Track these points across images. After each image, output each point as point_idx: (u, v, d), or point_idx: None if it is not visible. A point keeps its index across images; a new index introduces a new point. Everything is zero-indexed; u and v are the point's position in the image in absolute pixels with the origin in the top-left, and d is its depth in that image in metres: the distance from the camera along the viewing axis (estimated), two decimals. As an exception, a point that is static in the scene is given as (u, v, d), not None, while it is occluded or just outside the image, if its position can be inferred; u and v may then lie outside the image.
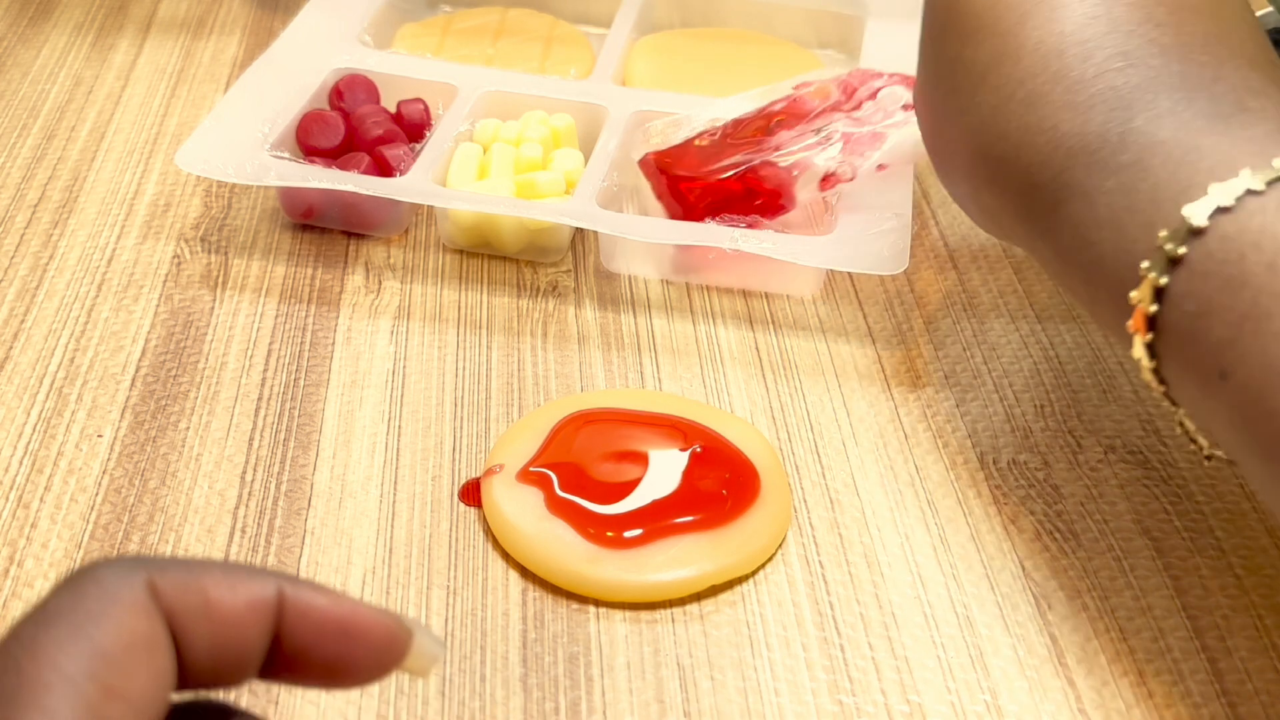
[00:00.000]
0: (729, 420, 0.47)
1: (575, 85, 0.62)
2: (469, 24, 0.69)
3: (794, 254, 0.52)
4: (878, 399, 0.50)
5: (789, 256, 0.51)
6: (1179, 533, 0.45)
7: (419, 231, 0.57)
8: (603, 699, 0.39)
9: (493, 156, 0.56)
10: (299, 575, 0.42)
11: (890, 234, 0.53)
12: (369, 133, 0.58)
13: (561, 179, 0.56)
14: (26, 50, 0.70)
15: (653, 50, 0.67)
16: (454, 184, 0.55)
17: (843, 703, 0.39)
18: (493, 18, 0.70)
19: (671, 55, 0.67)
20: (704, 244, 0.52)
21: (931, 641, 0.41)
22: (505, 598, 0.42)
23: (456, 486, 0.45)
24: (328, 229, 0.57)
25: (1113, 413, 0.50)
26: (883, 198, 0.55)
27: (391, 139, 0.57)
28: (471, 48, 0.67)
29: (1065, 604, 0.43)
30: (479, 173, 0.56)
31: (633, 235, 0.53)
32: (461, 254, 0.56)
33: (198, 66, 0.69)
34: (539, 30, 0.69)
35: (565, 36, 0.69)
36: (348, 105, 0.60)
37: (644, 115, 0.60)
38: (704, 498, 0.43)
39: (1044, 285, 0.57)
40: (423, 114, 0.59)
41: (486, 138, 0.58)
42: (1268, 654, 0.41)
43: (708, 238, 0.52)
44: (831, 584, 0.43)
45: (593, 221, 0.53)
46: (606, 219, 0.53)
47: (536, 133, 0.58)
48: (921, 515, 0.45)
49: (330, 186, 0.53)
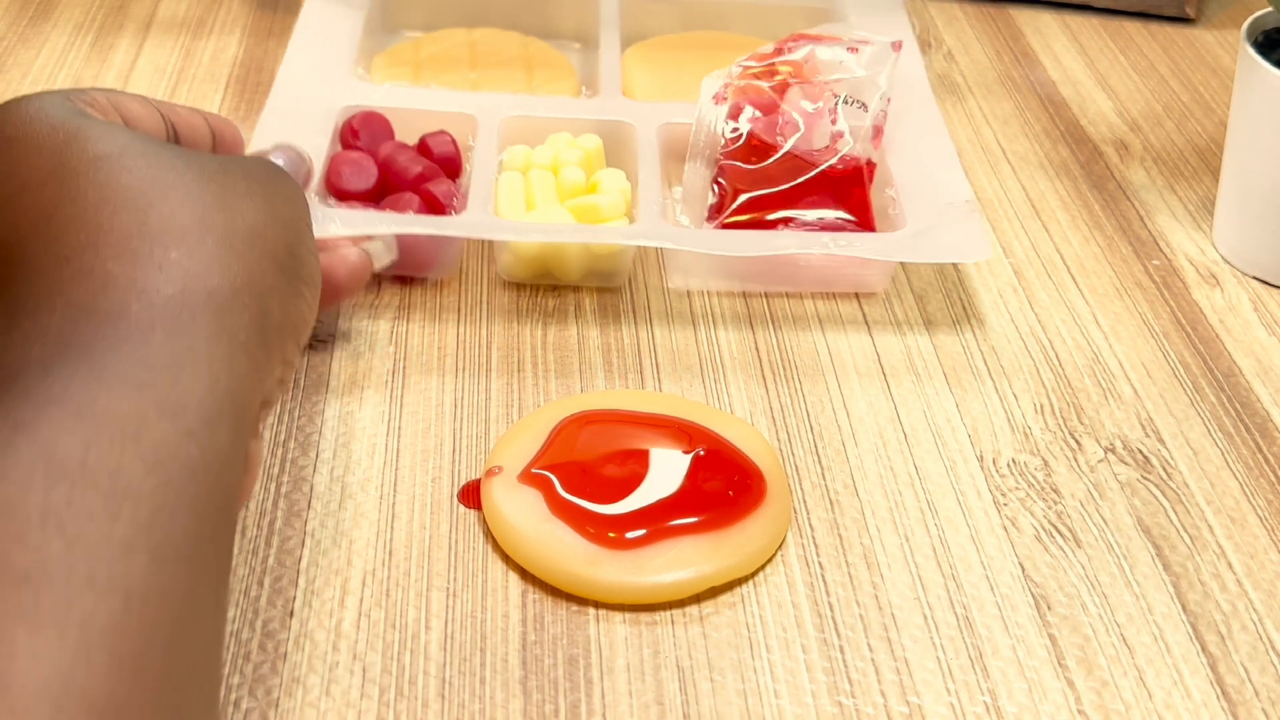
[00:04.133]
0: (729, 421, 0.47)
1: (594, 104, 0.61)
2: (437, 49, 0.67)
3: (885, 251, 0.51)
4: (877, 399, 0.50)
5: (881, 255, 0.51)
6: (1179, 533, 0.45)
7: (471, 268, 0.55)
8: (602, 701, 0.39)
9: (534, 184, 0.54)
10: (299, 577, 0.42)
11: (965, 219, 0.53)
12: (407, 171, 0.54)
13: (622, 200, 0.54)
14: (26, 50, 0.70)
15: (644, 61, 0.67)
16: (506, 215, 0.53)
17: (842, 704, 0.39)
18: (459, 40, 0.68)
19: (664, 64, 0.66)
20: (798, 252, 0.51)
21: (931, 642, 0.41)
22: (505, 600, 0.42)
23: (456, 488, 0.45)
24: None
25: (1113, 413, 0.50)
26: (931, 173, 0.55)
27: (433, 175, 0.55)
28: (451, 74, 0.65)
29: (1065, 604, 0.43)
30: (528, 203, 0.54)
31: (733, 251, 0.51)
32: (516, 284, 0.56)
33: (198, 66, 0.69)
34: (511, 50, 0.67)
35: (541, 54, 0.67)
36: (365, 143, 0.57)
37: (672, 128, 0.59)
38: (707, 500, 0.43)
39: (1044, 285, 0.57)
40: (450, 147, 0.57)
41: (520, 165, 0.56)
42: (1268, 654, 0.41)
43: (800, 245, 0.51)
44: (831, 585, 0.43)
45: (681, 241, 0.51)
46: (696, 237, 0.52)
47: (572, 155, 0.56)
48: (921, 516, 0.45)
49: (405, 231, 0.50)
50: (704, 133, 0.56)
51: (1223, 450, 0.49)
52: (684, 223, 0.55)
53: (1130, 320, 0.55)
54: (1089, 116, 0.69)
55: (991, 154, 0.66)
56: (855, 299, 0.55)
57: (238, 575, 0.42)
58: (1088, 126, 0.68)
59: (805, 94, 0.56)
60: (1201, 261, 0.59)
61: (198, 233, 0.35)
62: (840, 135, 0.55)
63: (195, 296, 0.34)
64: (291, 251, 0.38)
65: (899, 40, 0.58)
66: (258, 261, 0.36)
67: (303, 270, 0.38)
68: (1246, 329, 0.55)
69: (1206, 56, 0.75)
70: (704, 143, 0.56)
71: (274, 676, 0.39)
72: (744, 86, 0.57)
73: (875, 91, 0.56)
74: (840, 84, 0.56)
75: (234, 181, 0.37)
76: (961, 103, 0.70)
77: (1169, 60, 0.75)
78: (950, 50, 0.75)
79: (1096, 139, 0.67)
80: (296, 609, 0.41)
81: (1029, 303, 0.56)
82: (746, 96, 0.56)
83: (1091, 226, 0.61)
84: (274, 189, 0.39)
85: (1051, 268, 0.58)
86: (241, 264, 0.35)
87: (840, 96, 0.56)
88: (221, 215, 0.36)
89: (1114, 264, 0.58)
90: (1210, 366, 0.53)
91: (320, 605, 0.41)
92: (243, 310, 0.35)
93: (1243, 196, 0.57)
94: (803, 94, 0.56)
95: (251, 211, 0.37)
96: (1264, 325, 0.55)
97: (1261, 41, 0.57)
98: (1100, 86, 0.72)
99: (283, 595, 0.41)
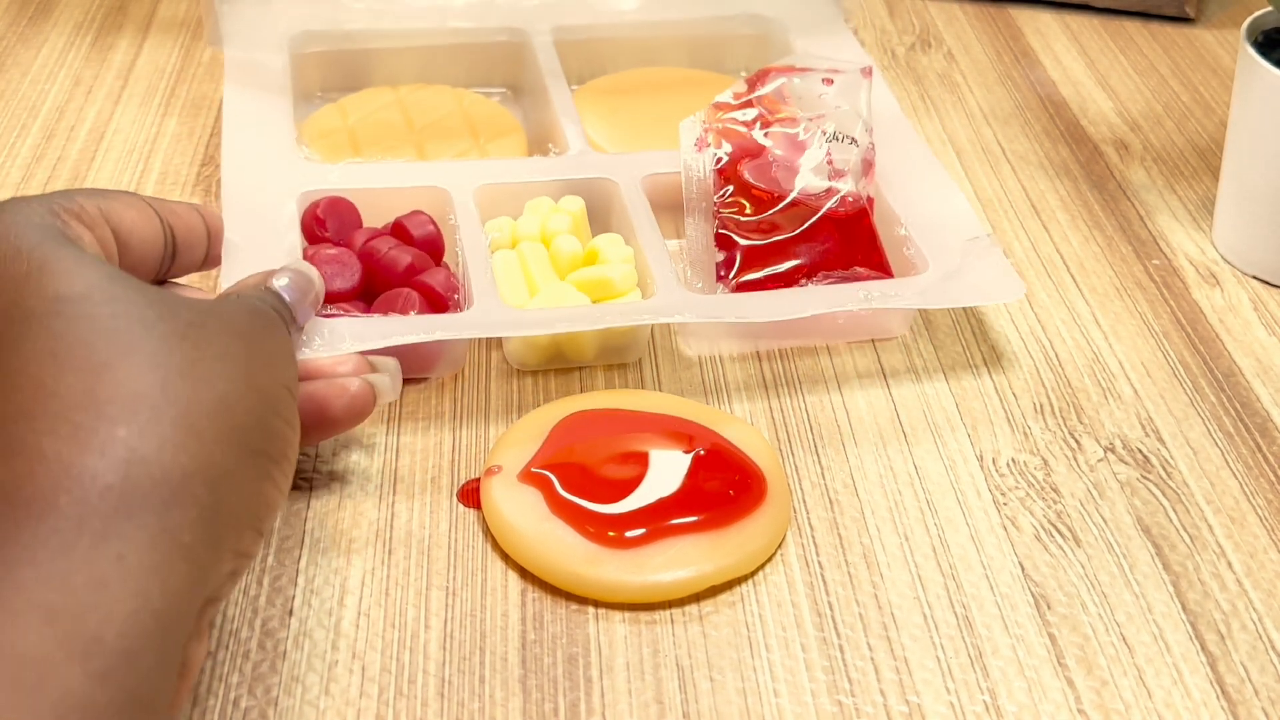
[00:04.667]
0: (729, 421, 0.47)
1: (569, 162, 0.56)
2: (364, 112, 0.61)
3: (921, 300, 0.49)
4: (877, 399, 0.50)
5: (918, 304, 0.49)
6: (1179, 532, 0.45)
7: (477, 359, 0.51)
8: (602, 700, 0.39)
9: (528, 259, 0.51)
10: (298, 576, 0.42)
11: (988, 256, 0.51)
12: (396, 263, 0.49)
13: (633, 272, 0.50)
14: (26, 50, 0.70)
15: (595, 106, 0.63)
16: (509, 300, 0.49)
17: (842, 703, 0.39)
18: (385, 100, 0.62)
19: (617, 109, 0.63)
20: (836, 310, 0.49)
21: (930, 642, 0.41)
22: (504, 599, 0.42)
23: (455, 487, 0.45)
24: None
25: (1112, 412, 0.50)
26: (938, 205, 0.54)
27: (424, 265, 0.50)
28: (391, 139, 0.60)
29: (1064, 603, 0.43)
30: (526, 281, 0.50)
31: (768, 316, 0.48)
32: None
33: (198, 66, 0.69)
34: (446, 106, 0.62)
35: (478, 108, 0.63)
36: (333, 233, 0.51)
37: (656, 180, 0.55)
38: (707, 500, 0.43)
39: (1043, 285, 0.57)
40: (430, 227, 0.52)
41: (506, 241, 0.52)
42: (1267, 653, 0.41)
43: (837, 303, 0.49)
44: (831, 584, 0.43)
45: (711, 311, 0.48)
46: (724, 305, 0.49)
47: (561, 223, 0.52)
48: (921, 515, 0.45)
49: (424, 339, 0.46)
50: (694, 184, 0.53)
51: (1222, 450, 0.49)
52: (696, 286, 0.52)
53: (1130, 320, 0.55)
54: (1089, 116, 0.69)
55: (991, 154, 0.66)
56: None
57: (237, 574, 0.42)
58: (1088, 126, 0.68)
59: (790, 132, 0.54)
60: (1201, 261, 0.59)
61: (154, 406, 0.31)
62: (839, 174, 0.53)
63: (137, 488, 0.30)
64: (263, 426, 0.34)
65: (868, 66, 0.56)
66: (219, 442, 0.32)
67: (273, 447, 0.34)
68: (1246, 329, 0.55)
69: (1206, 56, 0.75)
70: (697, 194, 0.53)
71: (273, 675, 0.39)
72: (724, 129, 0.54)
73: (858, 122, 0.54)
74: (824, 119, 0.54)
75: (209, 340, 0.33)
76: (961, 103, 0.70)
77: (1169, 60, 0.75)
78: (950, 50, 0.75)
79: (1096, 139, 0.67)
80: (296, 608, 0.41)
81: (1029, 302, 0.56)
82: (730, 140, 0.53)
83: (1091, 226, 0.61)
84: (255, 348, 0.35)
85: (1051, 268, 0.58)
86: (199, 445, 0.31)
87: (829, 133, 0.54)
88: (186, 384, 0.32)
89: (1114, 264, 0.58)
90: (1210, 366, 0.53)
91: (319, 604, 0.41)
92: (191, 504, 0.30)
93: (1243, 196, 0.57)
94: (787, 133, 0.54)
95: (223, 379, 0.33)
96: (1264, 325, 0.55)
97: (1261, 41, 0.57)
98: (1100, 86, 0.72)
99: (282, 594, 0.41)
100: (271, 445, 0.34)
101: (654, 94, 0.64)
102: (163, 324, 0.32)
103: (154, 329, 0.32)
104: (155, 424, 0.30)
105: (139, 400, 0.30)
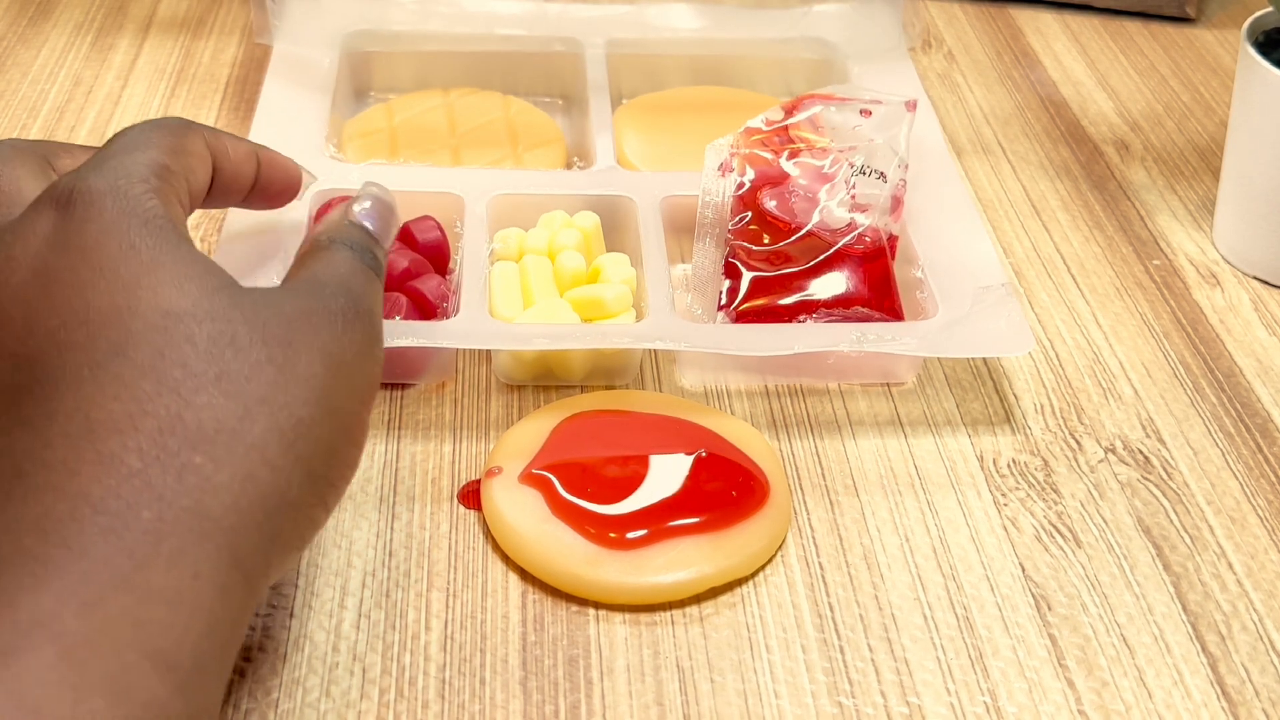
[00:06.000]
0: (729, 421, 0.47)
1: (590, 177, 0.56)
2: (411, 113, 0.62)
3: (919, 346, 0.47)
4: (877, 400, 0.50)
5: (915, 350, 0.47)
6: (1179, 533, 0.45)
7: (466, 371, 0.51)
8: (602, 701, 0.39)
9: (530, 273, 0.50)
10: (298, 578, 0.42)
11: (1003, 305, 0.49)
12: (394, 266, 0.49)
13: (628, 293, 0.49)
14: (26, 50, 0.70)
15: (636, 123, 0.62)
16: (501, 313, 0.48)
17: (842, 704, 0.39)
18: (435, 102, 0.63)
19: (657, 127, 0.62)
20: (827, 349, 0.47)
21: (931, 643, 0.41)
22: (505, 600, 0.42)
23: (456, 488, 0.45)
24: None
25: (1113, 413, 0.50)
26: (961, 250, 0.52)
27: (420, 271, 0.50)
28: (430, 142, 0.60)
29: (1065, 604, 0.43)
30: (524, 295, 0.50)
31: (754, 351, 0.47)
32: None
33: (198, 66, 0.69)
34: (492, 112, 0.62)
35: (524, 116, 0.62)
36: None
37: (675, 201, 0.54)
38: (708, 501, 0.43)
39: (1043, 285, 0.57)
40: (437, 233, 0.51)
41: (513, 252, 0.51)
42: (1268, 654, 0.41)
43: (829, 342, 0.47)
44: (831, 586, 0.43)
45: (695, 341, 0.47)
46: (712, 335, 0.48)
47: (569, 238, 0.51)
48: (921, 516, 0.45)
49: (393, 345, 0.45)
50: (711, 208, 0.52)
51: (1223, 450, 0.49)
52: (695, 312, 0.51)
53: (1130, 320, 0.55)
54: (1089, 116, 0.69)
55: (992, 154, 0.66)
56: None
57: (237, 576, 0.42)
58: (1088, 126, 0.68)
59: (817, 163, 0.52)
60: (1201, 261, 0.59)
61: (232, 433, 0.31)
62: (862, 209, 0.51)
63: (209, 513, 0.30)
64: (331, 451, 0.34)
65: (913, 99, 0.54)
66: (288, 471, 0.32)
67: (334, 472, 0.34)
68: (1247, 329, 0.55)
69: (1207, 56, 0.75)
70: (712, 219, 0.52)
71: (273, 677, 0.39)
72: (750, 155, 0.53)
73: (892, 158, 0.52)
74: (854, 151, 0.52)
75: (295, 359, 0.33)
76: (962, 103, 0.70)
77: (1169, 60, 0.75)
78: (950, 50, 0.75)
79: (1097, 139, 0.67)
80: (296, 610, 0.41)
81: (1029, 303, 0.56)
82: (754, 166, 0.52)
83: (1092, 226, 0.61)
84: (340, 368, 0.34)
85: (1051, 268, 0.58)
86: (269, 474, 0.32)
87: (856, 166, 0.52)
88: (264, 412, 0.32)
89: (1114, 264, 0.58)
90: (1210, 366, 0.53)
91: (320, 606, 0.41)
92: (254, 529, 0.31)
93: (1243, 196, 0.57)
94: (815, 163, 0.52)
95: (302, 404, 0.33)
96: (1264, 325, 0.55)
97: (1262, 41, 0.57)
98: (1100, 86, 0.72)
99: (282, 596, 0.41)
100: (333, 470, 0.34)
101: (697, 114, 0.63)
102: (253, 349, 0.32)
103: (245, 354, 0.32)
104: (229, 455, 0.31)
105: (219, 428, 0.31)
